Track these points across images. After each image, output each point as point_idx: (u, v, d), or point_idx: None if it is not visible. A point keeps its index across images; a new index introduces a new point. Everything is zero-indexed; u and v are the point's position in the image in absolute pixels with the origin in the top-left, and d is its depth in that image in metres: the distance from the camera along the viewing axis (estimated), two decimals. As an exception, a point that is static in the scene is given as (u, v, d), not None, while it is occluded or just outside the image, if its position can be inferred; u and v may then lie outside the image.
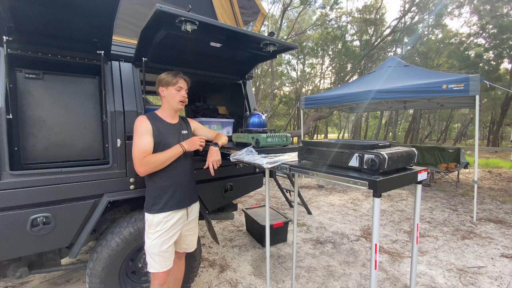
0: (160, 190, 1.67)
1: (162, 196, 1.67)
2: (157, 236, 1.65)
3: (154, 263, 1.68)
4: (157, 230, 1.65)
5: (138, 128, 1.60)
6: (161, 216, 1.66)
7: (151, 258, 1.68)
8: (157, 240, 1.65)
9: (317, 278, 2.65)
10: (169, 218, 1.68)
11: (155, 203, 1.66)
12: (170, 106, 1.73)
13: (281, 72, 22.00)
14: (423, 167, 1.23)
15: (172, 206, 1.70)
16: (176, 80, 1.67)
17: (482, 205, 5.15)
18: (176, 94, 1.69)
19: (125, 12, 2.09)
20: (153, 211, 1.65)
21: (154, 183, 1.68)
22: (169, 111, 1.75)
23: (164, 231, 1.67)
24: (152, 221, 1.65)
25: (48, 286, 2.50)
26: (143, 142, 1.57)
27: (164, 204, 1.67)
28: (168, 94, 1.69)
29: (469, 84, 4.12)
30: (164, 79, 1.68)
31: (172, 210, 1.70)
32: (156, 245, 1.65)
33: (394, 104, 7.67)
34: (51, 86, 1.82)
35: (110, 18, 1.55)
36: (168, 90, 1.68)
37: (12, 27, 1.51)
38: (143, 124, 1.61)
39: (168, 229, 1.68)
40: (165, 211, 1.67)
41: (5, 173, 1.53)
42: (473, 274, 2.72)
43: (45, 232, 1.65)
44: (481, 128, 28.30)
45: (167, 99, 1.71)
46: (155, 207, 1.66)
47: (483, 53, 14.33)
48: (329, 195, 5.96)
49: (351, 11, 17.69)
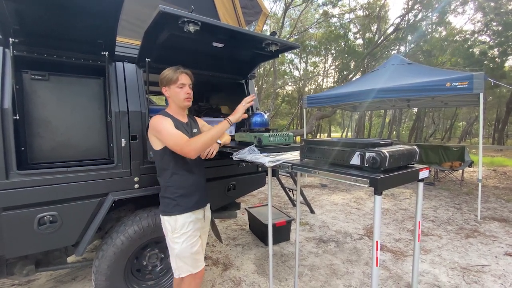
0: (183, 190, 1.60)
1: (185, 196, 1.60)
2: (185, 238, 1.57)
3: (187, 266, 1.60)
4: (183, 232, 1.57)
5: (161, 124, 1.50)
6: (185, 217, 1.58)
7: (183, 262, 1.59)
8: (186, 243, 1.57)
9: (320, 276, 2.66)
10: (193, 219, 1.62)
11: (177, 203, 1.58)
12: (177, 105, 1.66)
13: (284, 71, 21.98)
14: (425, 165, 1.24)
15: (194, 206, 1.64)
16: (176, 76, 1.58)
17: (486, 203, 5.12)
18: (180, 92, 1.60)
19: (129, 13, 2.12)
20: (176, 213, 1.56)
21: (175, 182, 1.59)
22: (178, 110, 1.68)
23: (192, 232, 1.60)
24: (176, 223, 1.56)
25: (54, 284, 2.54)
26: (175, 131, 1.48)
27: (187, 204, 1.60)
28: (172, 93, 1.62)
29: (473, 82, 4.09)
30: (165, 78, 1.59)
31: (194, 210, 1.64)
32: (186, 248, 1.57)
33: (398, 103, 7.63)
34: (56, 87, 1.85)
35: (114, 20, 1.57)
36: (171, 89, 1.60)
37: (18, 29, 1.53)
38: (164, 120, 1.53)
39: (195, 230, 1.62)
40: (188, 211, 1.60)
41: (13, 172, 1.56)
42: (477, 273, 2.71)
43: (52, 231, 1.68)
44: (486, 127, 28.00)
45: (172, 99, 1.64)
46: (178, 208, 1.57)
47: (488, 51, 14.16)
48: (332, 194, 5.95)
49: (354, 8, 17.60)
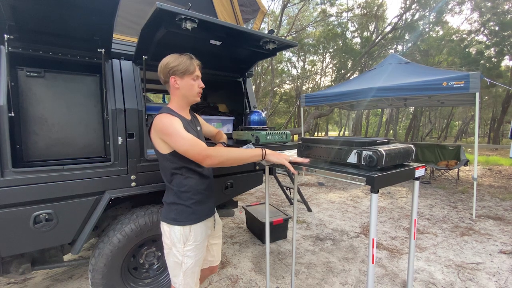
0: (199, 195, 1.40)
1: (201, 202, 1.41)
2: (198, 251, 1.39)
3: (192, 283, 1.40)
4: (196, 244, 1.38)
5: (171, 126, 1.26)
6: (199, 226, 1.39)
7: (190, 278, 1.39)
8: (198, 254, 1.40)
9: (317, 274, 2.68)
10: (206, 228, 1.45)
11: (193, 211, 1.37)
12: (185, 100, 1.43)
13: (282, 70, 21.98)
14: (421, 164, 1.25)
15: (210, 212, 1.48)
16: (194, 67, 1.38)
17: (481, 202, 5.17)
18: (194, 85, 1.41)
19: (126, 10, 2.10)
20: (190, 222, 1.36)
21: (190, 188, 1.37)
22: (184, 105, 1.46)
23: (202, 241, 1.42)
24: (189, 234, 1.35)
25: (51, 282, 2.53)
26: (187, 135, 1.26)
27: (202, 212, 1.42)
28: (184, 85, 1.38)
29: (469, 81, 4.12)
30: (178, 66, 1.34)
31: (208, 218, 1.47)
32: (199, 261, 1.40)
33: (395, 102, 7.67)
34: (52, 84, 1.83)
35: (110, 17, 1.55)
36: (184, 80, 1.37)
37: (13, 25, 1.52)
38: (173, 119, 1.29)
39: (205, 239, 1.45)
40: (204, 219, 1.42)
41: (8, 170, 1.55)
42: (472, 270, 2.74)
43: (48, 229, 1.67)
44: (482, 126, 28.25)
45: (182, 92, 1.40)
46: (193, 217, 1.37)
47: (484, 50, 14.30)
48: (329, 193, 5.98)
49: (352, 7, 17.64)
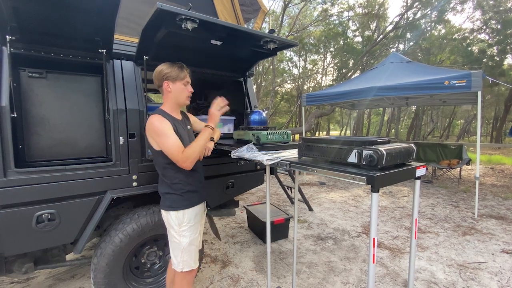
0: (190, 185, 1.65)
1: (191, 192, 1.65)
2: (193, 231, 1.65)
3: (190, 260, 1.65)
4: (191, 225, 1.64)
5: (160, 127, 1.49)
6: (192, 211, 1.64)
7: (188, 256, 1.64)
8: (194, 234, 1.65)
9: (318, 273, 2.68)
10: (197, 212, 1.69)
11: (185, 199, 1.62)
12: (176, 102, 1.65)
13: (283, 69, 21.93)
14: (422, 163, 1.24)
15: (200, 200, 1.72)
16: (184, 74, 1.61)
17: (484, 201, 5.15)
18: (184, 89, 1.63)
19: (127, 10, 2.11)
20: (183, 207, 1.61)
21: (180, 179, 1.61)
22: (175, 107, 1.68)
23: (195, 223, 1.67)
24: (183, 218, 1.61)
25: (53, 281, 2.55)
26: (174, 139, 1.49)
27: (194, 199, 1.67)
28: (175, 89, 1.60)
29: (471, 80, 4.10)
30: (171, 72, 1.57)
31: (199, 204, 1.72)
32: (194, 240, 1.65)
33: (396, 101, 7.65)
34: (54, 84, 1.84)
35: (111, 17, 1.56)
36: (176, 85, 1.60)
37: (15, 26, 1.52)
38: (163, 122, 1.51)
39: (200, 221, 1.71)
40: (196, 205, 1.68)
41: (10, 170, 1.56)
42: (473, 270, 2.73)
43: (50, 228, 1.68)
44: (484, 125, 28.10)
45: (174, 95, 1.62)
46: (186, 203, 1.62)
47: (487, 49, 14.18)
48: (331, 192, 5.97)
49: (353, 6, 17.56)
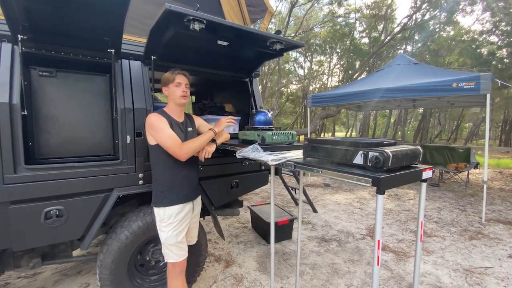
0: (170, 183, 1.73)
1: (172, 189, 1.73)
2: (171, 228, 1.72)
3: (172, 253, 1.76)
4: (170, 222, 1.72)
5: (157, 123, 1.65)
6: (172, 209, 1.72)
7: (169, 250, 1.75)
8: (172, 232, 1.72)
9: (322, 275, 2.67)
10: (180, 210, 1.75)
11: (165, 196, 1.72)
12: (174, 103, 1.80)
13: (289, 70, 21.88)
14: (428, 166, 1.23)
15: (182, 199, 1.77)
16: (173, 76, 1.74)
17: (491, 206, 5.06)
18: (176, 90, 1.75)
19: (135, 11, 2.13)
20: (163, 205, 1.71)
21: (164, 176, 1.73)
22: (175, 108, 1.81)
23: (177, 223, 1.74)
24: (164, 214, 1.71)
25: (59, 277, 2.59)
26: (170, 132, 1.65)
27: (174, 197, 1.73)
28: (170, 92, 1.77)
29: (480, 82, 4.04)
30: (164, 79, 1.77)
31: (183, 203, 1.77)
32: (172, 237, 1.73)
33: (403, 103, 7.56)
34: (63, 83, 1.87)
35: (120, 18, 1.59)
36: (169, 88, 1.76)
37: (26, 26, 1.56)
38: (160, 119, 1.68)
39: (180, 220, 1.76)
40: (176, 204, 1.73)
41: (20, 167, 1.59)
42: (480, 275, 2.69)
43: (58, 224, 1.72)
44: (493, 128, 27.61)
45: (170, 97, 1.79)
46: (165, 201, 1.71)
47: (496, 51, 13.92)
48: (335, 194, 5.94)
49: (360, 8, 17.44)
